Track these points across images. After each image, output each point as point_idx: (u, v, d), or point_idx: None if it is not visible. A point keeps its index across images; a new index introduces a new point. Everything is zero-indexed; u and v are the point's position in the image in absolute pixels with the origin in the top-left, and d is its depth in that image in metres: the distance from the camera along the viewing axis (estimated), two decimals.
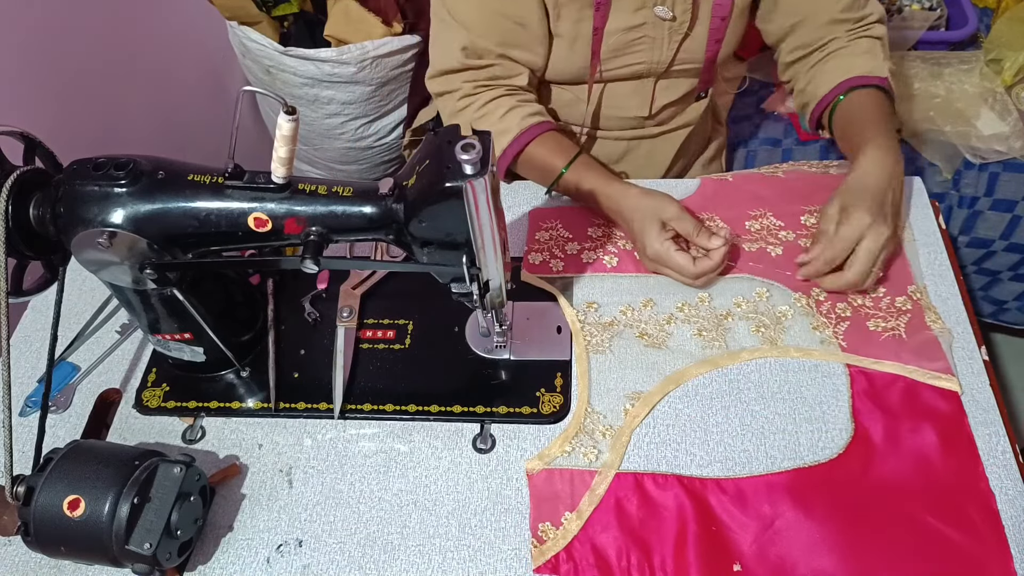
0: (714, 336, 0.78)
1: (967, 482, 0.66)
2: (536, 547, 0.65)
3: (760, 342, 0.77)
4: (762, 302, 0.80)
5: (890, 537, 0.64)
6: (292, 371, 0.79)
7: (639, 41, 0.88)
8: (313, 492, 0.70)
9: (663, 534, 0.65)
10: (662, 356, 0.77)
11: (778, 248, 0.85)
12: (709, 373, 0.75)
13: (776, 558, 0.64)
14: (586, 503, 0.67)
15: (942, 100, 1.23)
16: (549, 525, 0.66)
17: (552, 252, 0.87)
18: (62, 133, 0.93)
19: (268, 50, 1.43)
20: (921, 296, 0.79)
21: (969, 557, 0.62)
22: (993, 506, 0.65)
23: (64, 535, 0.60)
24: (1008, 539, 0.63)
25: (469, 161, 0.54)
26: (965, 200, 1.24)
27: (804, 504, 0.66)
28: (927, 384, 0.72)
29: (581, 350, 0.78)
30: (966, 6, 1.34)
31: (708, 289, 0.81)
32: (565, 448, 0.71)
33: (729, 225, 0.87)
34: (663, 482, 0.68)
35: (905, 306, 0.78)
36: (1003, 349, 1.63)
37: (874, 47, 0.89)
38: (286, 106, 0.56)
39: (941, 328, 0.76)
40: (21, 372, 0.82)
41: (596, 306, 0.81)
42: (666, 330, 0.79)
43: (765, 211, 0.88)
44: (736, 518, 0.66)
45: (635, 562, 0.64)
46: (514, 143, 0.89)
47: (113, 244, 0.61)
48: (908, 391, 0.72)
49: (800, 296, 0.80)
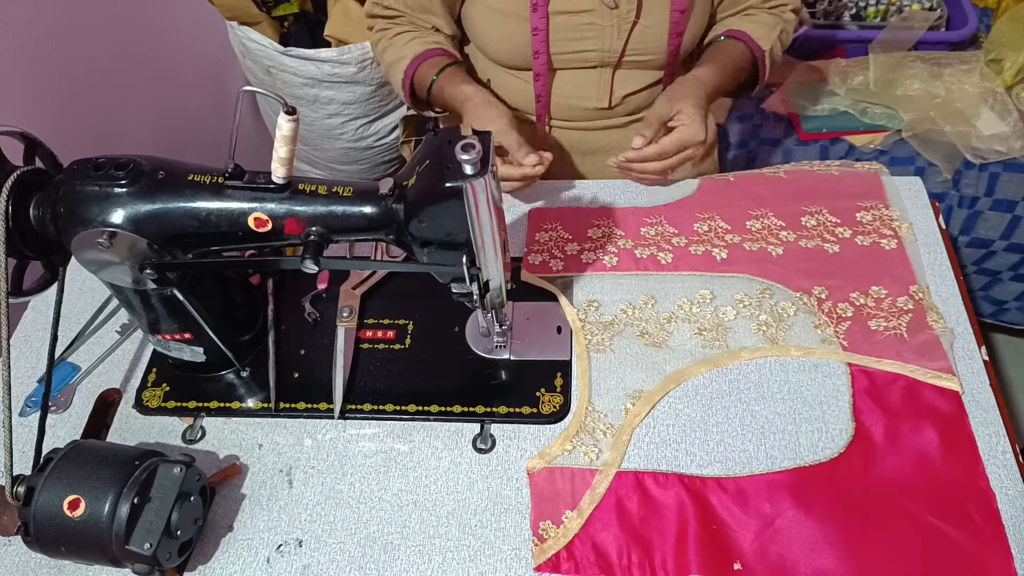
0: (715, 336, 0.78)
1: (968, 481, 0.66)
2: (537, 545, 0.65)
3: (761, 341, 0.77)
4: (764, 301, 0.80)
5: (891, 536, 0.64)
6: (292, 371, 0.79)
7: (588, 27, 0.89)
8: (313, 492, 0.70)
9: (664, 532, 0.65)
10: (662, 355, 0.77)
11: (779, 248, 0.85)
12: (709, 372, 0.75)
13: (776, 556, 0.64)
14: (587, 502, 0.67)
15: (942, 100, 1.23)
16: (550, 523, 0.66)
17: (552, 252, 0.87)
18: (62, 133, 0.93)
19: (268, 50, 1.43)
20: (923, 296, 0.79)
21: (969, 556, 0.62)
22: (993, 505, 0.65)
23: (64, 535, 0.60)
24: (1008, 539, 0.63)
25: (469, 161, 0.54)
26: (965, 200, 1.24)
27: (805, 503, 0.66)
28: (928, 383, 0.72)
29: (582, 349, 0.78)
30: (966, 6, 1.34)
31: (709, 287, 0.81)
32: (566, 447, 0.71)
33: (730, 225, 0.87)
34: (664, 481, 0.68)
35: (907, 306, 0.78)
36: (1003, 349, 1.63)
37: (774, 26, 0.96)
38: (286, 106, 0.56)
39: (943, 328, 0.76)
40: (21, 372, 0.82)
41: (596, 305, 0.81)
42: (667, 329, 0.79)
43: (766, 211, 0.88)
44: (737, 517, 0.66)
45: (636, 560, 0.64)
46: (410, 66, 0.95)
47: (113, 244, 0.61)
48: (909, 390, 0.72)
49: (801, 295, 0.80)
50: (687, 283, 0.82)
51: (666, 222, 0.89)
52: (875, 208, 0.87)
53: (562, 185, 0.96)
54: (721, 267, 0.84)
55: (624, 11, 0.87)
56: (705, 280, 0.82)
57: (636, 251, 0.86)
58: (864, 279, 0.81)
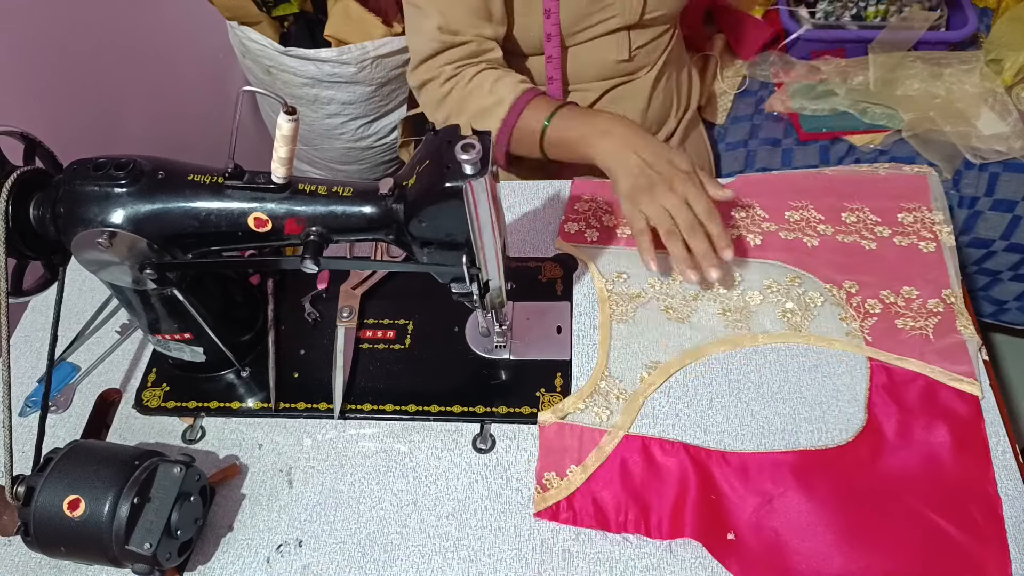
0: (738, 318, 0.78)
1: (975, 485, 0.66)
2: (539, 493, 0.67)
3: (785, 328, 0.77)
4: (792, 289, 0.80)
5: (888, 526, 0.64)
6: (292, 371, 0.79)
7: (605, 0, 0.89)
8: (313, 492, 0.70)
9: (663, 496, 0.67)
10: (684, 330, 0.78)
11: (815, 240, 0.85)
12: (729, 352, 0.76)
13: (771, 532, 0.64)
14: (592, 459, 0.69)
15: (942, 100, 1.23)
16: (554, 475, 0.68)
17: (588, 222, 0.88)
18: (62, 133, 0.93)
19: (268, 50, 1.43)
20: (955, 301, 0.78)
21: (966, 555, 0.62)
22: (998, 510, 0.64)
23: (64, 535, 0.60)
24: (1009, 541, 0.63)
25: (469, 161, 0.54)
26: (965, 200, 1.24)
27: (806, 485, 0.66)
28: (947, 385, 0.72)
29: (605, 319, 0.79)
30: (966, 6, 1.34)
31: (740, 270, 0.82)
32: (579, 405, 0.72)
33: (768, 213, 0.87)
34: (669, 448, 0.69)
35: (937, 308, 0.77)
36: (1003, 349, 1.63)
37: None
38: (286, 106, 0.56)
39: (971, 335, 0.75)
40: (21, 372, 0.82)
41: (625, 276, 0.82)
42: (692, 306, 0.80)
43: (807, 203, 0.88)
44: (737, 490, 0.67)
45: (632, 518, 0.65)
46: (512, 111, 0.86)
47: (113, 244, 0.61)
48: (927, 389, 0.72)
49: (832, 287, 0.80)
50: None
51: None
52: (918, 210, 0.87)
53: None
54: (754, 252, 0.84)
55: None
56: (736, 263, 0.83)
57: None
58: (897, 279, 0.80)
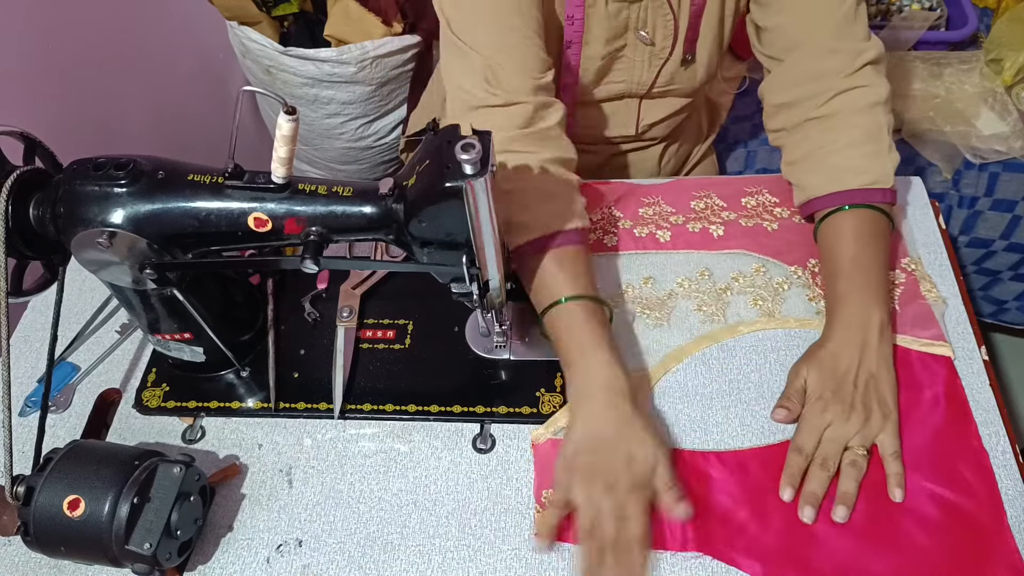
0: (714, 310, 0.79)
1: (960, 440, 0.68)
2: (539, 512, 0.67)
3: (758, 315, 0.79)
4: (759, 276, 0.82)
5: (888, 505, 0.65)
6: (292, 371, 0.79)
7: (620, 61, 0.87)
8: (313, 492, 0.70)
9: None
10: (664, 333, 0.78)
11: (774, 224, 0.86)
12: (709, 348, 0.77)
13: (779, 525, 0.64)
14: None
15: (942, 100, 1.23)
16: (552, 492, 0.67)
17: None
18: (62, 133, 0.92)
19: (268, 50, 1.43)
20: (916, 267, 0.80)
21: (967, 517, 0.63)
22: (986, 463, 0.66)
23: (64, 535, 0.60)
24: (1011, 534, 0.63)
25: (469, 161, 0.54)
26: (965, 200, 1.24)
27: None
28: (920, 352, 0.74)
29: None
30: (966, 6, 1.34)
31: (707, 265, 0.83)
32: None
33: (725, 202, 0.88)
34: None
35: (898, 279, 0.80)
36: (1003, 349, 1.63)
37: (877, 123, 0.76)
38: (286, 106, 0.56)
39: (935, 298, 0.77)
40: (21, 372, 0.82)
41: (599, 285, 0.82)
42: (668, 305, 0.80)
43: (760, 188, 0.90)
44: (736, 491, 0.67)
45: None
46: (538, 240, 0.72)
47: (113, 244, 0.61)
48: (902, 360, 0.73)
49: (796, 268, 0.82)
50: (686, 260, 0.84)
51: (663, 201, 0.90)
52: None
53: None
54: (718, 244, 0.85)
55: (659, 49, 0.86)
56: (703, 257, 0.84)
57: (635, 230, 0.87)
58: None
